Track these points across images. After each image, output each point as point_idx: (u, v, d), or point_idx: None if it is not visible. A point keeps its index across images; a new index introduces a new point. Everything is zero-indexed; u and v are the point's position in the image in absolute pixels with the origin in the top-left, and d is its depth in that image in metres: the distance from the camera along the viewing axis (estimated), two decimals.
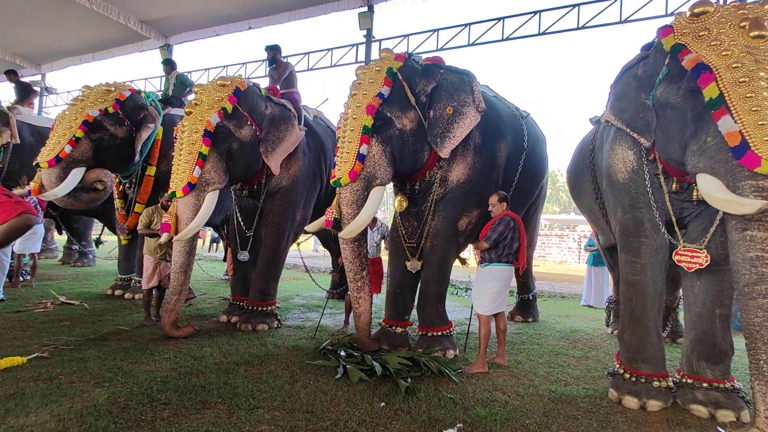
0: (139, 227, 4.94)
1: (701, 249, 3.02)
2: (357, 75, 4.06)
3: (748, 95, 2.40)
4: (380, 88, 3.84)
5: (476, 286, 4.05)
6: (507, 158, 4.43)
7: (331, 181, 3.83)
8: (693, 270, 3.07)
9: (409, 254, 4.34)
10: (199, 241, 7.40)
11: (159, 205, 4.90)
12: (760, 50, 2.46)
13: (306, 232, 5.89)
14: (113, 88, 5.58)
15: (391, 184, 4.43)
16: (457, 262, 4.57)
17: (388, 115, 3.86)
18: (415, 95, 3.99)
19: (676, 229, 3.18)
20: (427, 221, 4.25)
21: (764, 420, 2.37)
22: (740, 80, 2.43)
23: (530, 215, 5.78)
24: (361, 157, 3.71)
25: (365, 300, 3.96)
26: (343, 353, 3.83)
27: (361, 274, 3.95)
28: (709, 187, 2.56)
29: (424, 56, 4.34)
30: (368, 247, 5.01)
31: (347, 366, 3.51)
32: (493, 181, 4.33)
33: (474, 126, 3.98)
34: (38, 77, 15.48)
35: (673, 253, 3.14)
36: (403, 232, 4.40)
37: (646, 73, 3.11)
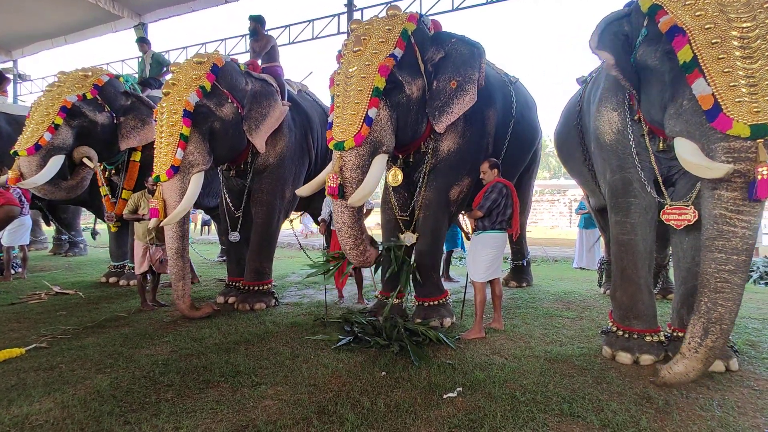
0: (125, 212, 4.89)
1: (688, 206, 3.05)
2: (356, 30, 3.74)
3: (720, 57, 2.40)
4: (392, 50, 3.54)
5: (470, 254, 4.08)
6: (496, 126, 4.38)
7: (330, 144, 3.49)
8: (682, 227, 3.12)
9: (402, 227, 4.32)
10: (191, 225, 7.32)
11: (146, 190, 4.84)
12: (734, 6, 2.43)
13: (296, 211, 5.85)
14: (90, 73, 5.41)
15: None
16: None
17: (400, 79, 3.61)
18: (423, 62, 3.80)
19: (662, 188, 3.21)
20: (421, 192, 4.20)
21: (687, 346, 2.57)
22: (713, 41, 2.42)
23: (524, 182, 5.78)
24: (369, 121, 3.41)
25: (372, 255, 3.76)
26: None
27: (362, 238, 3.67)
28: (684, 151, 2.58)
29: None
30: None
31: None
32: (483, 149, 4.29)
33: (472, 104, 3.83)
34: (9, 64, 14.96)
35: (661, 212, 3.18)
36: (396, 204, 4.38)
37: (628, 33, 3.07)
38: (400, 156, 4.23)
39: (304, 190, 3.96)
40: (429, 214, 4.19)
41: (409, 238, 4.25)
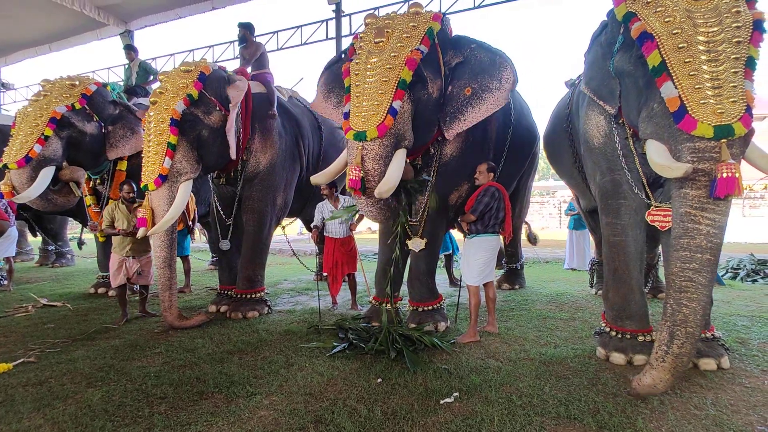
0: (102, 226, 4.81)
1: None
2: (374, 23, 3.58)
3: (686, 60, 2.46)
4: (418, 45, 3.43)
5: (464, 257, 4.08)
6: (496, 132, 4.36)
7: (349, 134, 3.30)
8: (666, 228, 3.16)
9: (410, 232, 4.21)
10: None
11: (119, 200, 4.78)
12: (700, 12, 2.50)
13: (289, 217, 5.79)
14: (77, 82, 5.34)
15: None
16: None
17: (425, 75, 3.51)
18: (443, 64, 3.74)
19: (647, 190, 3.25)
20: (431, 195, 4.09)
21: (654, 356, 2.51)
22: (679, 46, 2.49)
23: (521, 184, 5.81)
24: (393, 112, 3.26)
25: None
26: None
27: (390, 216, 3.59)
28: (652, 153, 2.63)
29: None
30: (336, 227, 5.01)
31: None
32: (484, 155, 4.25)
33: (487, 115, 3.75)
34: None
35: (646, 214, 3.22)
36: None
37: (607, 42, 3.17)
38: (409, 158, 4.18)
39: (319, 178, 3.79)
40: (428, 219, 4.17)
41: (417, 244, 4.16)
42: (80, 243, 7.59)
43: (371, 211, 3.48)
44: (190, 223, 5.37)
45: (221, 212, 5.15)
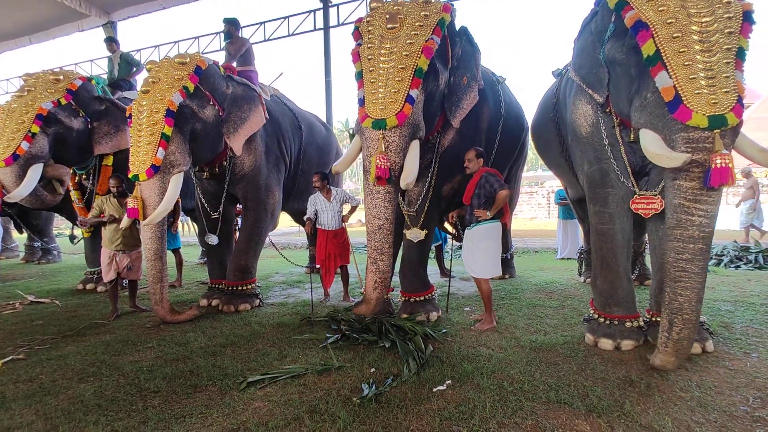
0: (89, 216, 4.76)
1: (656, 195, 3.15)
2: (382, 7, 3.49)
3: (681, 50, 2.49)
4: (431, 35, 3.37)
5: (469, 249, 3.95)
6: (488, 123, 4.38)
7: (366, 122, 3.26)
8: (650, 215, 3.22)
9: (410, 223, 4.20)
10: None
11: (110, 194, 4.73)
12: (693, 2, 2.53)
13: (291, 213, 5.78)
14: (62, 77, 5.24)
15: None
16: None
17: (437, 66, 3.47)
18: (451, 56, 3.75)
19: (632, 179, 3.30)
20: (430, 186, 4.10)
21: (659, 341, 2.76)
22: (674, 35, 2.52)
23: (511, 175, 5.85)
24: (411, 100, 3.23)
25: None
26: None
27: (392, 241, 3.47)
28: (646, 142, 2.68)
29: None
30: (329, 219, 5.01)
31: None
32: (476, 146, 4.28)
33: (475, 102, 3.83)
34: None
35: (630, 202, 3.27)
36: (401, 199, 4.21)
37: (597, 30, 3.18)
38: None
39: (338, 166, 3.74)
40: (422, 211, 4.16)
41: (416, 234, 4.12)
42: (72, 238, 7.49)
43: (387, 212, 3.36)
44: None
45: (206, 207, 5.12)
